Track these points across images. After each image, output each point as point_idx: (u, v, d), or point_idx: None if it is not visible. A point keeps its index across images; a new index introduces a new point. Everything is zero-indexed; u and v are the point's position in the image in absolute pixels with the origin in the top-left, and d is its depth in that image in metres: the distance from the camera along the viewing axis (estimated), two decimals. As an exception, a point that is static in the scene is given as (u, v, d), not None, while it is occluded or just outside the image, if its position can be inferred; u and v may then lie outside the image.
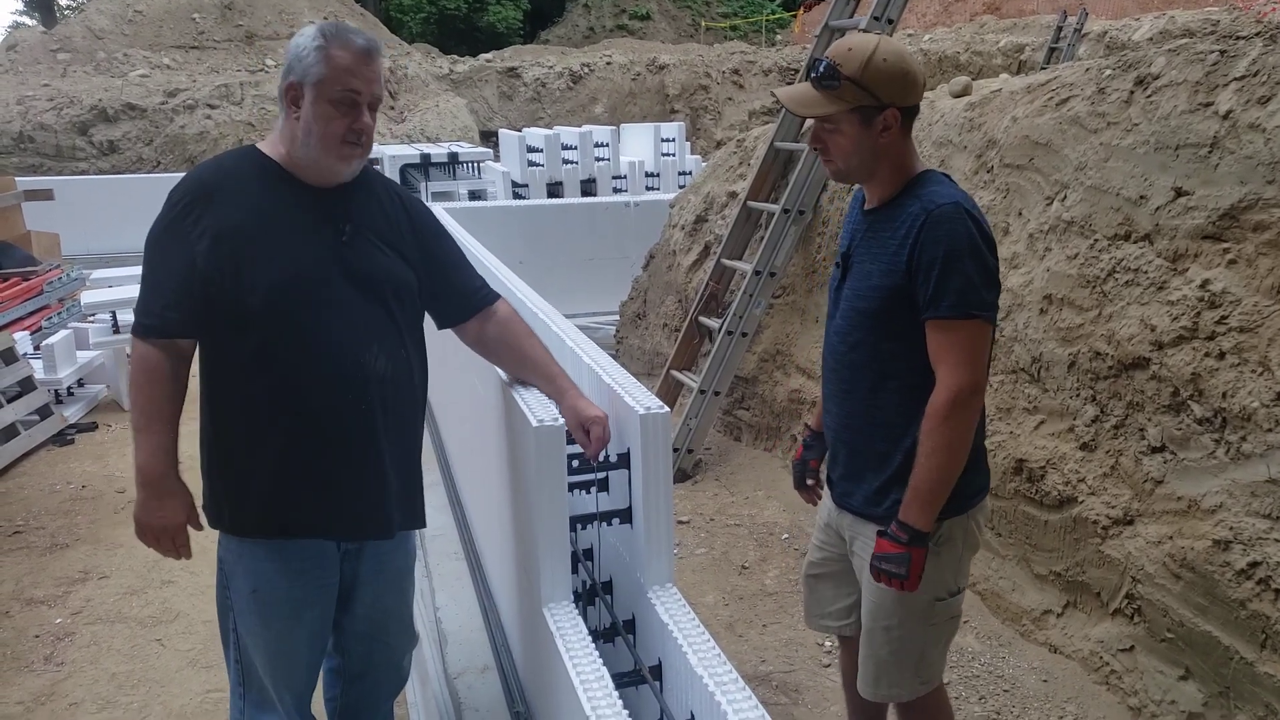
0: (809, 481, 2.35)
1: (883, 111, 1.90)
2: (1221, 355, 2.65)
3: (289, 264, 1.87)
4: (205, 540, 2.05)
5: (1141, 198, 2.98)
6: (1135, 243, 2.99)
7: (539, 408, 1.93)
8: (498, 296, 2.16)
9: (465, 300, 2.13)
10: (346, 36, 1.87)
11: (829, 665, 3.12)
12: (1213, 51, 2.95)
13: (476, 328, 2.13)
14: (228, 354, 1.90)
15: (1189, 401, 2.71)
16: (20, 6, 42.31)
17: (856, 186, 2.14)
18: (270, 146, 1.96)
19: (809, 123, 2.20)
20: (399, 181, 10.43)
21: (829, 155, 1.98)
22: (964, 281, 1.84)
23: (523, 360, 2.12)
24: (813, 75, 1.93)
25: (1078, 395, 3.10)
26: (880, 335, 1.97)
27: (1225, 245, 2.72)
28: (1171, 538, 2.69)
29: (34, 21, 33.36)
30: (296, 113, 1.87)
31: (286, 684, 2.05)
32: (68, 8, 35.50)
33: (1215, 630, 2.56)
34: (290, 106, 1.88)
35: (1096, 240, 3.12)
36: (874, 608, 2.04)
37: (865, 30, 4.45)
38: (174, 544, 1.97)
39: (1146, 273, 2.92)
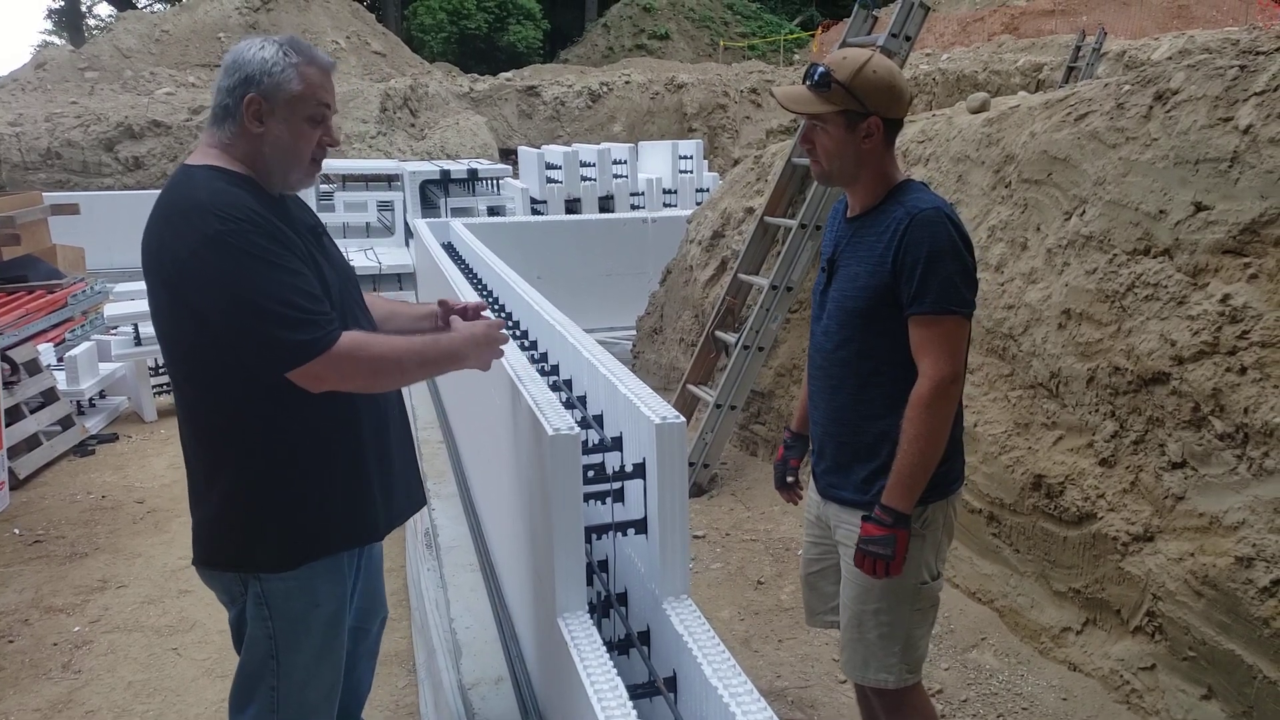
0: (789, 480, 2.49)
1: (867, 119, 2.04)
2: (1243, 370, 2.62)
3: (325, 273, 1.87)
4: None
5: (1161, 212, 2.96)
6: (1155, 257, 2.97)
7: (555, 416, 1.93)
8: None
9: None
10: (314, 53, 1.85)
11: (844, 681, 3.09)
12: (1232, 66, 2.95)
13: None
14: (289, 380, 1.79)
15: (1210, 417, 2.68)
16: (49, 26, 43.15)
17: (839, 199, 2.28)
18: (225, 162, 1.81)
19: None
20: (420, 198, 10.58)
21: (815, 155, 2.13)
22: (944, 280, 1.98)
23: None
24: (809, 78, 2.09)
25: (1097, 410, 3.08)
26: (867, 333, 2.10)
27: (1246, 260, 2.70)
28: (1193, 555, 2.66)
29: (62, 41, 34.00)
30: (260, 128, 1.80)
31: (335, 695, 2.01)
32: (96, 28, 36.18)
33: (1238, 649, 2.52)
34: (251, 121, 1.79)
35: (1115, 255, 3.10)
36: (861, 592, 2.13)
37: (882, 46, 4.47)
38: (502, 335, 2.01)
39: (1166, 287, 2.90)
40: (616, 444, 2.07)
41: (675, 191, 12.02)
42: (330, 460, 1.88)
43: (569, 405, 2.26)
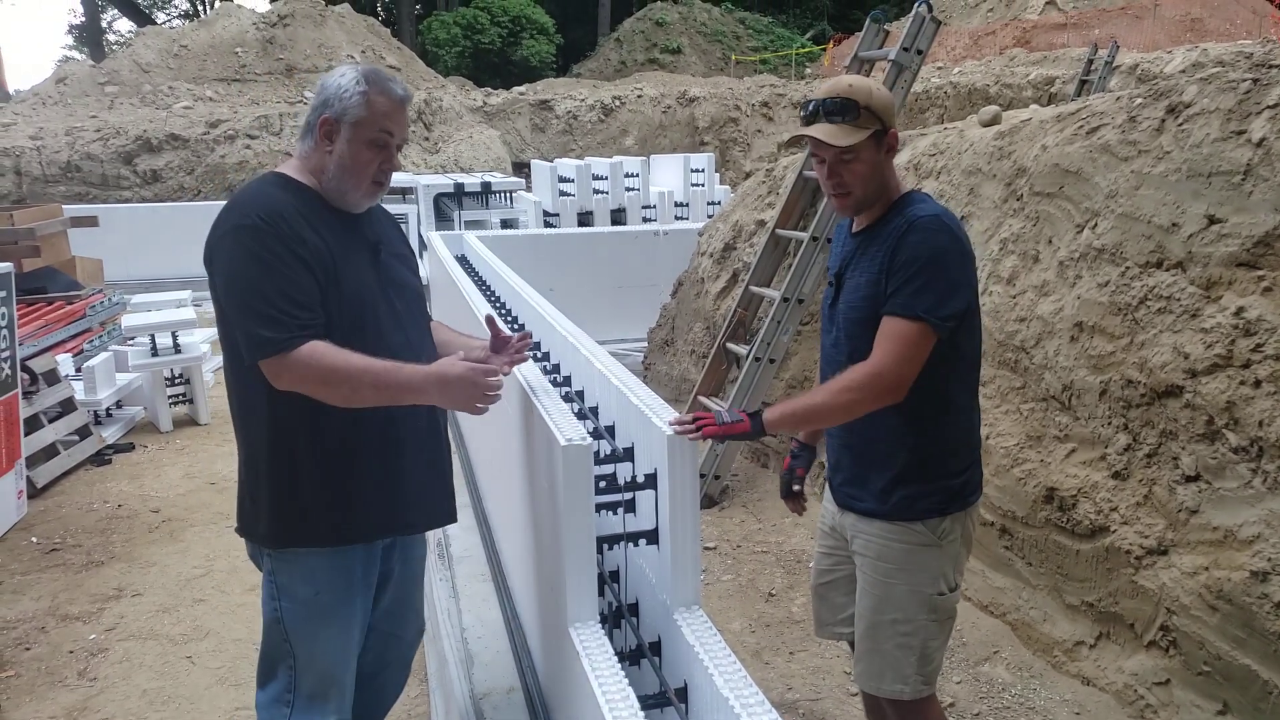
0: (795, 489, 2.49)
1: (888, 133, 2.08)
2: (1257, 383, 2.61)
3: (356, 282, 1.98)
4: (237, 559, 2.09)
5: (1174, 225, 2.96)
6: (1167, 270, 2.97)
7: (567, 426, 1.95)
8: None
9: None
10: (387, 84, 2.00)
11: (856, 694, 3.08)
12: (1245, 79, 2.95)
13: None
14: None
15: (1224, 430, 2.67)
16: (70, 42, 43.75)
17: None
18: (298, 173, 2.01)
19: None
20: (434, 211, 10.65)
21: (847, 187, 2.08)
22: (921, 286, 1.97)
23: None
24: (828, 113, 2.04)
25: (1109, 423, 3.07)
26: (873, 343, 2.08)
27: (1260, 273, 2.69)
28: (1207, 568, 2.65)
29: (83, 56, 34.43)
30: (329, 146, 1.98)
31: (342, 685, 2.10)
32: (116, 43, 36.63)
33: (1254, 663, 2.50)
34: (323, 140, 1.98)
35: (1128, 268, 3.10)
36: (877, 602, 2.14)
37: (894, 60, 4.49)
38: (486, 381, 1.95)
39: (1179, 300, 2.89)
40: (628, 455, 2.09)
41: (687, 204, 12.07)
42: (325, 457, 1.98)
43: (581, 416, 2.28)
